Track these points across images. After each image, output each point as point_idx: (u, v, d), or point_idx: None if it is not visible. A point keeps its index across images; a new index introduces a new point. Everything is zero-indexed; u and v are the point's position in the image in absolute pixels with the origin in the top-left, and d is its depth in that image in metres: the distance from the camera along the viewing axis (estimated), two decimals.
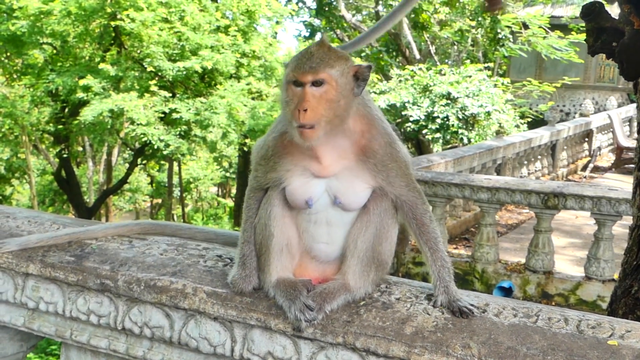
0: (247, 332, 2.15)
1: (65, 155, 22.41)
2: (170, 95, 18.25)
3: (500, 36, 18.23)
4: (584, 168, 16.33)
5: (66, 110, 20.51)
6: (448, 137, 14.45)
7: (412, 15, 19.94)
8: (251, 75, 19.46)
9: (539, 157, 14.14)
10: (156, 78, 18.19)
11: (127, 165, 28.58)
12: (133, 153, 25.95)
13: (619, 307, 3.30)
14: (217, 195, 40.28)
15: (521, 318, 1.97)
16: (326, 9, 24.79)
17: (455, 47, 21.62)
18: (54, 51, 19.93)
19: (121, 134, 22.95)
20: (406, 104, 14.54)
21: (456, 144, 14.14)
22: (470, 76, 15.23)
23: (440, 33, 20.23)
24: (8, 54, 20.54)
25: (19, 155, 24.60)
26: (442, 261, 2.12)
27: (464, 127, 14.36)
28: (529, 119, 17.74)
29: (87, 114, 16.80)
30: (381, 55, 22.62)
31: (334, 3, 23.99)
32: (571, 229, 10.44)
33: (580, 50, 15.58)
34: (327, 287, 2.11)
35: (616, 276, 3.76)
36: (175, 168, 31.40)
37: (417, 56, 21.32)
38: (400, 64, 21.23)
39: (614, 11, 3.40)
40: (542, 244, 7.60)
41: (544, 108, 18.74)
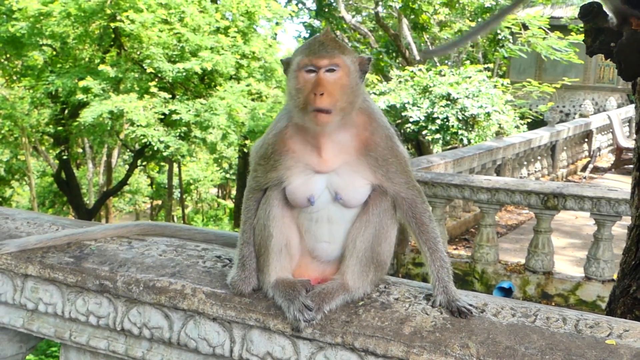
0: (246, 333, 2.15)
1: (65, 157, 22.42)
2: (170, 96, 18.26)
3: (500, 37, 18.26)
4: (584, 169, 16.32)
5: (66, 111, 20.53)
6: (448, 138, 14.45)
7: (412, 17, 19.95)
8: (251, 76, 19.47)
9: (539, 157, 14.14)
10: (156, 79, 18.20)
11: (127, 166, 28.59)
12: (133, 154, 25.96)
13: (618, 307, 3.31)
14: (217, 196, 40.28)
15: (519, 318, 1.97)
16: (326, 10, 24.82)
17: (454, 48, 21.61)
18: (54, 53, 19.94)
19: (121, 136, 22.96)
20: (406, 105, 14.54)
21: (456, 145, 14.14)
22: (470, 77, 15.24)
23: (440, 34, 20.26)
24: (8, 56, 20.57)
25: (18, 157, 24.62)
26: (441, 261, 2.12)
27: (464, 127, 14.36)
28: (529, 120, 17.75)
29: (87, 116, 16.82)
30: (381, 56, 22.62)
31: (334, 4, 24.02)
32: (571, 230, 10.44)
33: (579, 51, 15.56)
34: (325, 287, 2.11)
35: (615, 276, 3.76)
36: (175, 169, 31.40)
37: (417, 57, 21.34)
38: (400, 65, 21.25)
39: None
40: (542, 244, 7.60)
41: (543, 109, 18.74)
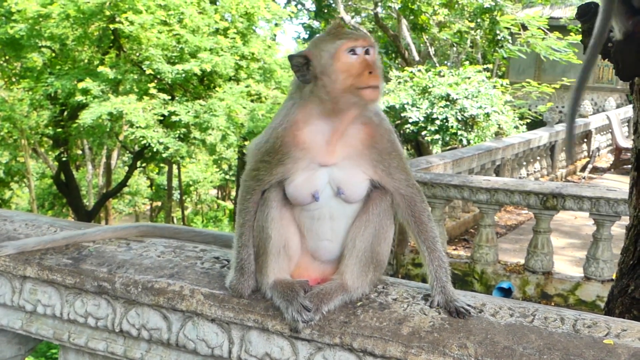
0: (245, 334, 2.15)
1: (64, 159, 22.40)
2: (170, 97, 18.25)
3: (499, 37, 18.27)
4: (583, 169, 16.33)
5: (65, 113, 20.51)
6: (447, 138, 14.45)
7: (411, 17, 19.97)
8: (250, 77, 19.45)
9: (538, 158, 14.14)
10: (155, 81, 18.19)
11: (126, 168, 28.56)
12: (132, 156, 25.94)
13: (616, 307, 3.31)
14: (217, 197, 40.26)
15: (517, 318, 1.97)
16: (325, 10, 24.85)
17: (454, 48, 21.65)
18: (53, 54, 19.93)
19: (120, 137, 22.97)
20: (405, 106, 14.55)
21: (455, 146, 14.15)
22: (469, 77, 15.25)
23: (440, 34, 20.25)
24: (7, 57, 20.55)
25: (18, 158, 24.59)
26: (439, 261, 2.12)
27: (463, 128, 14.37)
28: (528, 120, 17.75)
29: (86, 117, 16.80)
30: (380, 57, 22.62)
31: (333, 5, 24.03)
32: (570, 230, 10.44)
33: (579, 51, 15.60)
34: (324, 288, 2.10)
35: (615, 276, 3.77)
36: (175, 171, 31.40)
37: (416, 58, 21.36)
38: (399, 66, 21.28)
39: None
40: (541, 244, 7.60)
41: (543, 109, 18.75)
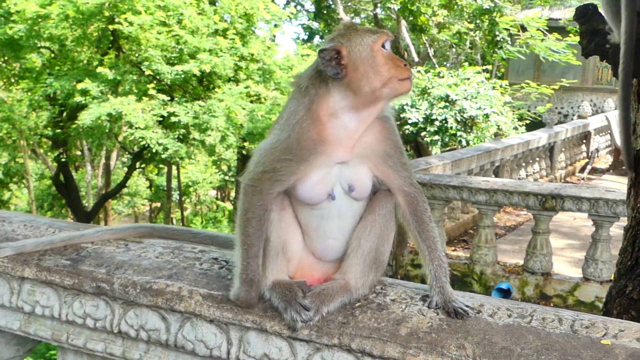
0: (243, 335, 2.15)
1: (63, 160, 22.38)
2: (169, 98, 18.25)
3: (498, 39, 18.29)
4: (582, 170, 16.35)
5: (64, 114, 20.49)
6: (446, 139, 14.47)
7: (411, 18, 19.98)
8: (250, 78, 19.44)
9: (537, 159, 14.15)
10: (154, 81, 18.18)
11: (125, 169, 28.55)
12: (132, 157, 25.92)
13: (614, 307, 3.31)
14: (216, 198, 40.24)
15: (515, 318, 1.97)
16: (324, 11, 24.86)
17: (453, 49, 21.68)
18: (52, 55, 19.92)
19: (119, 138, 22.95)
20: (405, 107, 14.56)
21: (454, 147, 14.16)
22: (468, 78, 15.27)
23: (439, 36, 20.28)
24: (6, 58, 20.55)
25: (17, 159, 24.59)
26: (439, 261, 2.12)
27: (463, 129, 14.38)
28: (527, 121, 17.77)
29: (85, 118, 16.78)
30: None
31: (333, 6, 24.05)
32: (569, 231, 10.45)
33: (578, 52, 15.58)
34: (326, 288, 2.10)
35: (613, 277, 3.77)
36: (174, 172, 31.39)
37: (416, 59, 21.39)
38: None
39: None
40: (540, 245, 7.60)
41: (542, 110, 18.76)
